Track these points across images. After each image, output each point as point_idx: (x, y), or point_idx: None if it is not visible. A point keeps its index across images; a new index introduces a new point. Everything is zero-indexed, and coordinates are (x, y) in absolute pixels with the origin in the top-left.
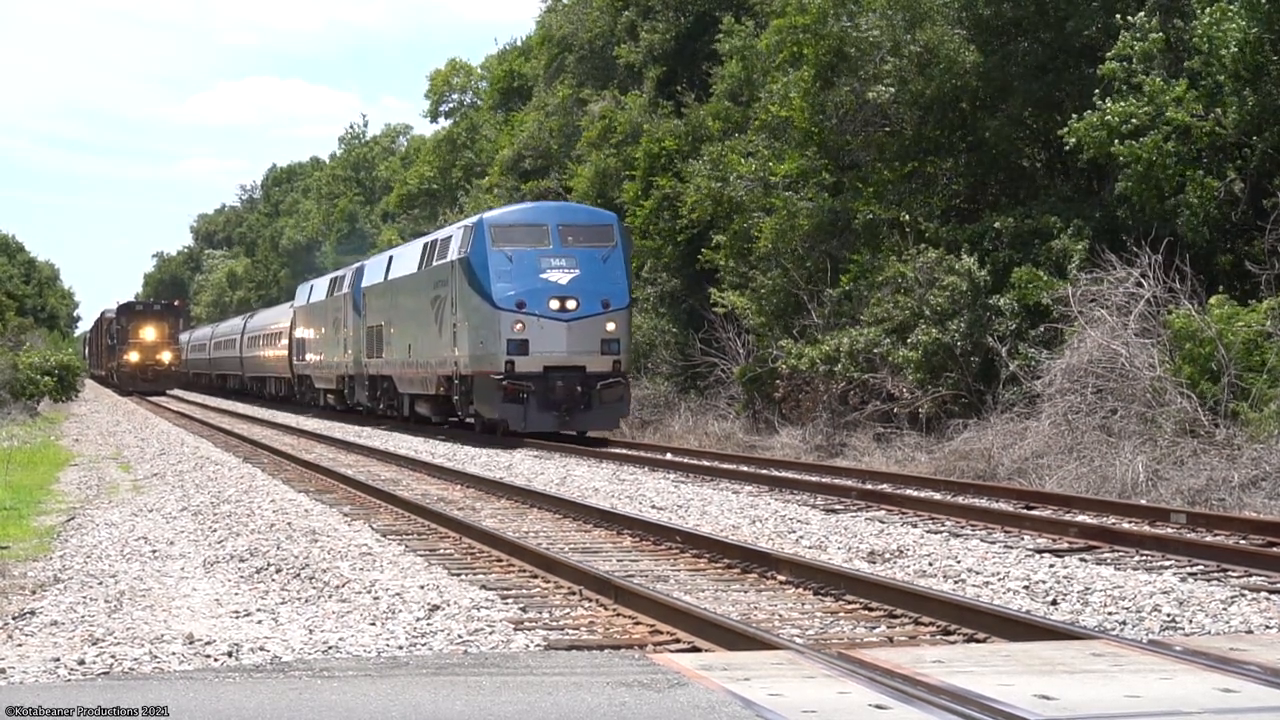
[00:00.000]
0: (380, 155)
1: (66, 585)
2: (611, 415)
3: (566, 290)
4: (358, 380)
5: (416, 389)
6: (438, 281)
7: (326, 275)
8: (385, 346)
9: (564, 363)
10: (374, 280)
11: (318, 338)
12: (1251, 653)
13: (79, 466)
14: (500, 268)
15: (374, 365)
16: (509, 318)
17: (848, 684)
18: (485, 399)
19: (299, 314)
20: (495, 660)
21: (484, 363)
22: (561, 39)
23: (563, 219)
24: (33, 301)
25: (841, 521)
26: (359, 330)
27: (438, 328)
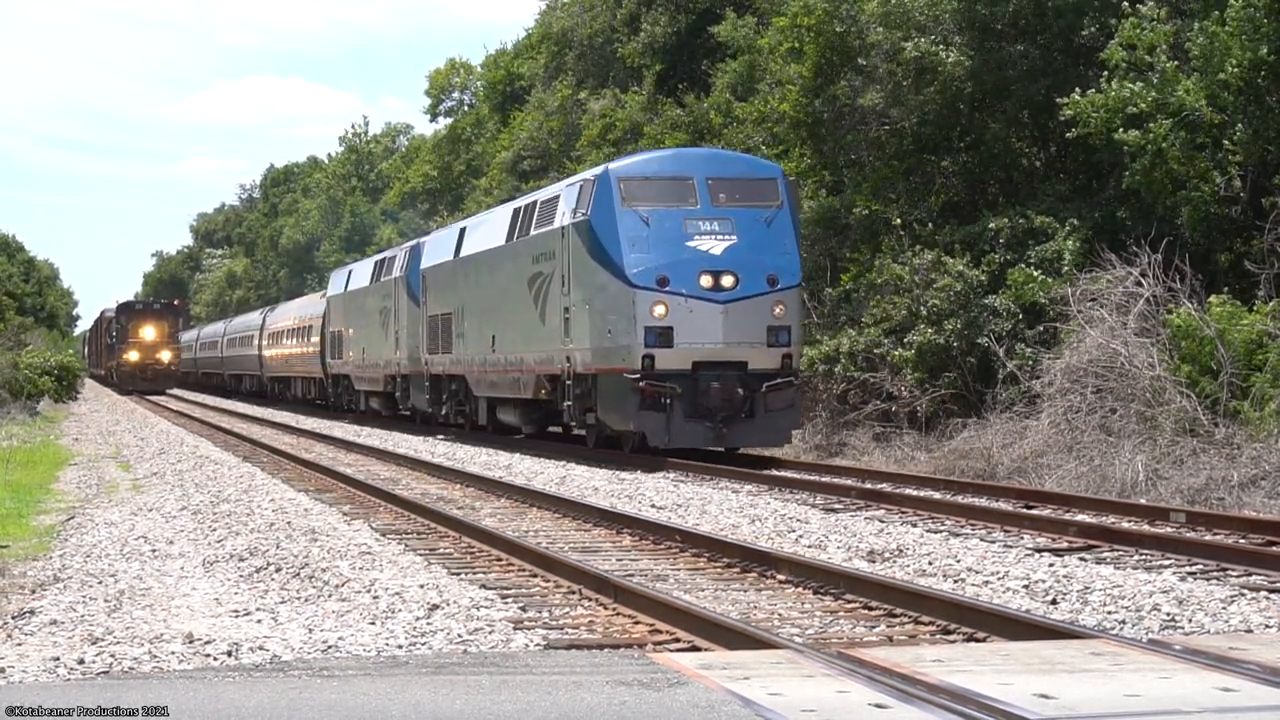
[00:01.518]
0: (382, 154)
1: (66, 585)
2: (779, 427)
3: (722, 263)
4: (414, 381)
5: (504, 391)
6: (539, 254)
7: (369, 258)
8: (456, 340)
9: (719, 357)
10: (438, 259)
11: (359, 332)
12: (1251, 652)
13: (78, 466)
14: (634, 234)
15: (439, 363)
16: (647, 298)
17: (847, 683)
18: (613, 404)
19: (334, 305)
20: (495, 659)
21: (611, 357)
22: (561, 35)
23: (713, 170)
24: (32, 301)
25: (841, 521)
26: (417, 321)
27: (538, 313)
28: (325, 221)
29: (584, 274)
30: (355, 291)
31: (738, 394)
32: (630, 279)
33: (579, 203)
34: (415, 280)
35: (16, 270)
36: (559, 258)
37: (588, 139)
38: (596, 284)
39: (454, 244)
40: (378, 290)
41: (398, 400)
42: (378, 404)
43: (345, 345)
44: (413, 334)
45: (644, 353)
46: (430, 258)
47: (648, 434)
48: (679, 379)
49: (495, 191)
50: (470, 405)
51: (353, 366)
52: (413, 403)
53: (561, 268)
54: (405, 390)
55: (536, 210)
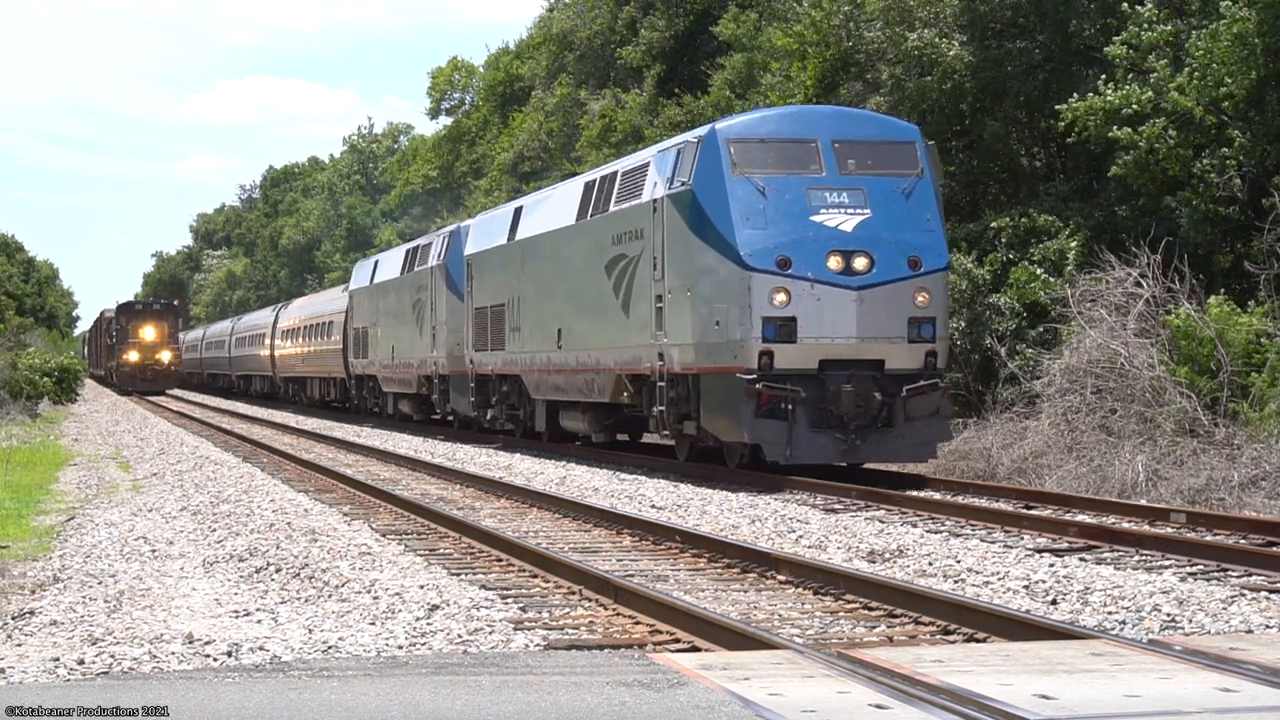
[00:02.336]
0: (384, 154)
1: (66, 585)
2: (923, 439)
3: (854, 241)
4: (455, 382)
5: (571, 394)
6: (621, 234)
7: (398, 246)
8: (511, 335)
9: (851, 354)
10: (487, 244)
11: (388, 328)
12: (1251, 652)
13: (78, 466)
14: (748, 205)
15: (487, 361)
16: (765, 283)
17: (847, 683)
18: (720, 411)
19: (358, 299)
20: (495, 660)
21: (719, 354)
22: (561, 36)
23: (840, 131)
24: (32, 301)
25: (841, 521)
26: (460, 315)
27: (620, 303)
28: (326, 221)
29: (684, 255)
30: (383, 284)
31: (874, 398)
32: (744, 260)
33: (677, 170)
34: (457, 269)
35: (16, 270)
36: (649, 237)
37: (587, 139)
38: (700, 266)
39: (507, 226)
40: (410, 282)
41: (434, 403)
42: (409, 407)
43: (371, 343)
44: (454, 329)
45: (761, 348)
46: (476, 242)
47: (764, 447)
48: (803, 380)
49: (495, 192)
50: (525, 409)
51: (380, 366)
52: (453, 406)
53: (653, 248)
54: (444, 392)
55: (617, 182)
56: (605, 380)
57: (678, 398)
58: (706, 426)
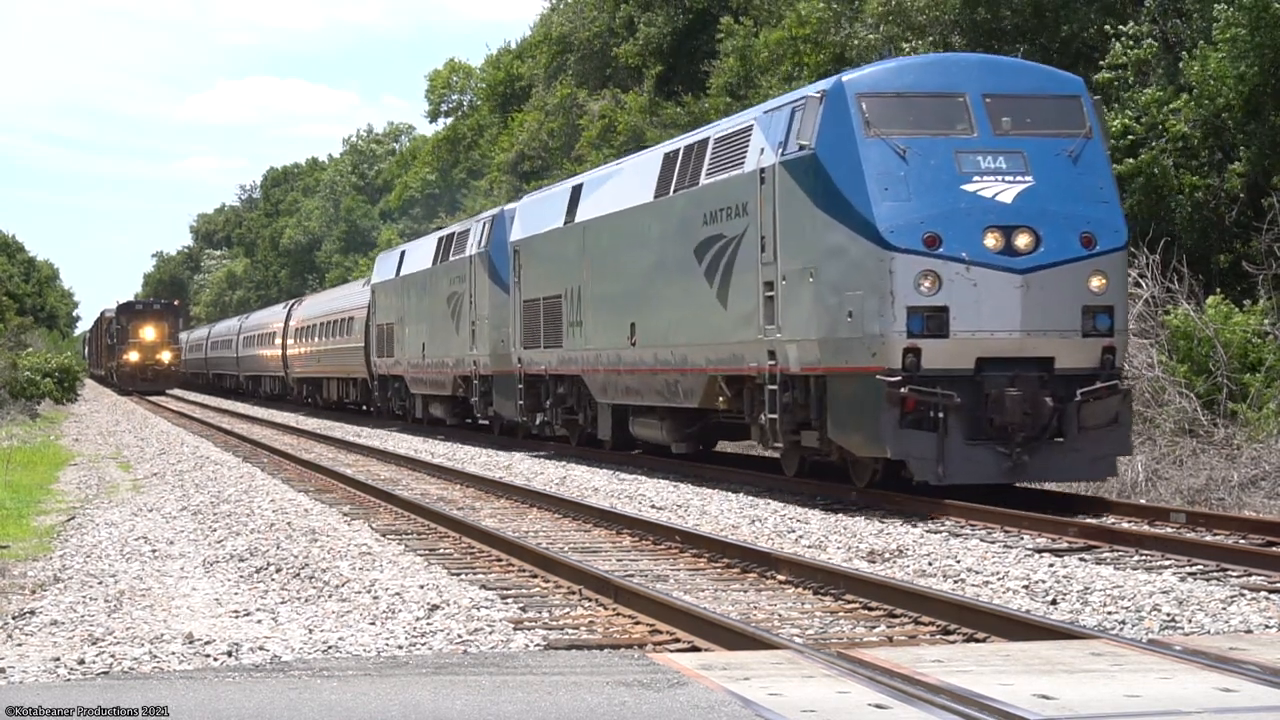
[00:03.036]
0: (384, 155)
1: (66, 585)
2: (1100, 452)
3: (1015, 214)
4: (499, 383)
5: (648, 398)
6: (716, 210)
7: (429, 234)
8: (570, 331)
9: (1015, 351)
10: (538, 228)
11: (418, 324)
12: (1251, 652)
13: (79, 466)
14: (886, 172)
15: (539, 360)
16: (911, 266)
17: (847, 683)
18: (853, 420)
19: (382, 293)
20: (495, 660)
21: (851, 352)
22: (561, 37)
23: (992, 84)
24: (32, 301)
25: (841, 521)
26: (504, 308)
27: (715, 292)
28: (326, 221)
29: (804, 233)
30: (412, 276)
31: (1043, 404)
32: (884, 237)
33: (793, 132)
34: (500, 257)
35: (17, 270)
36: (754, 213)
37: (587, 140)
38: (827, 246)
39: (563, 207)
40: (444, 273)
41: (473, 406)
42: (441, 411)
43: (398, 341)
44: (497, 324)
45: (906, 344)
46: (525, 227)
47: (911, 464)
48: (956, 383)
49: (495, 192)
50: (585, 414)
51: (408, 366)
52: (495, 410)
53: (760, 226)
54: (485, 394)
55: (709, 151)
56: (694, 382)
57: (794, 404)
58: (835, 438)
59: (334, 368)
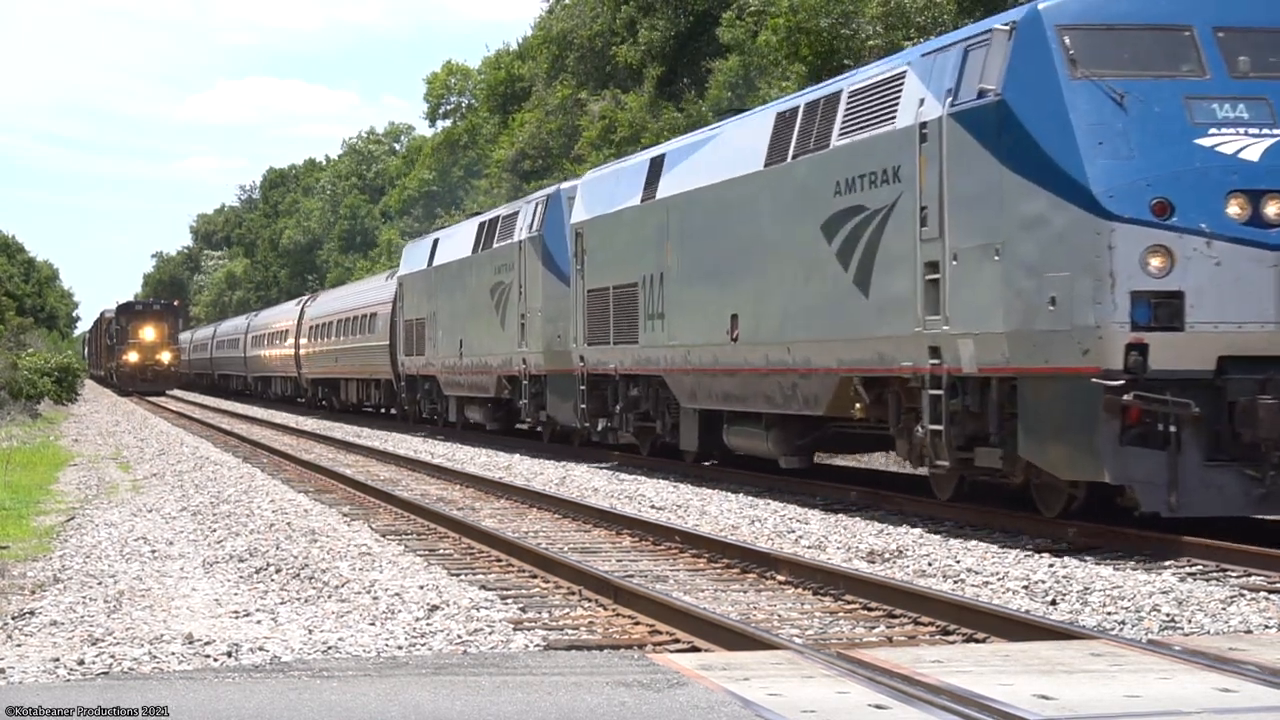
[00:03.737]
0: (384, 154)
1: (66, 585)
2: None
3: (1265, 175)
4: (555, 384)
5: (754, 403)
6: (853, 178)
7: (466, 219)
8: (648, 324)
9: (1267, 348)
10: (607, 206)
11: (454, 318)
12: (1250, 653)
13: (78, 466)
14: (1100, 122)
15: (609, 358)
16: (1136, 239)
17: (847, 684)
18: (1058, 433)
19: (411, 286)
20: (495, 660)
21: (1054, 348)
22: (561, 36)
23: (1224, 14)
24: (32, 301)
25: (841, 521)
26: (562, 299)
27: (852, 277)
28: (326, 222)
29: (986, 199)
30: (447, 266)
31: None
32: (1101, 203)
33: (968, 75)
34: (557, 242)
35: (16, 270)
36: (909, 178)
37: (587, 140)
38: (1020, 216)
39: (640, 181)
40: (487, 261)
41: (521, 410)
42: (481, 415)
43: (429, 338)
44: (553, 318)
45: (1129, 339)
46: (591, 206)
47: (1136, 490)
48: (1192, 388)
49: (495, 191)
50: (665, 420)
51: (442, 366)
52: (550, 414)
53: (918, 194)
54: (537, 396)
55: (840, 106)
56: (819, 386)
57: (964, 413)
58: (1031, 456)
59: (354, 368)
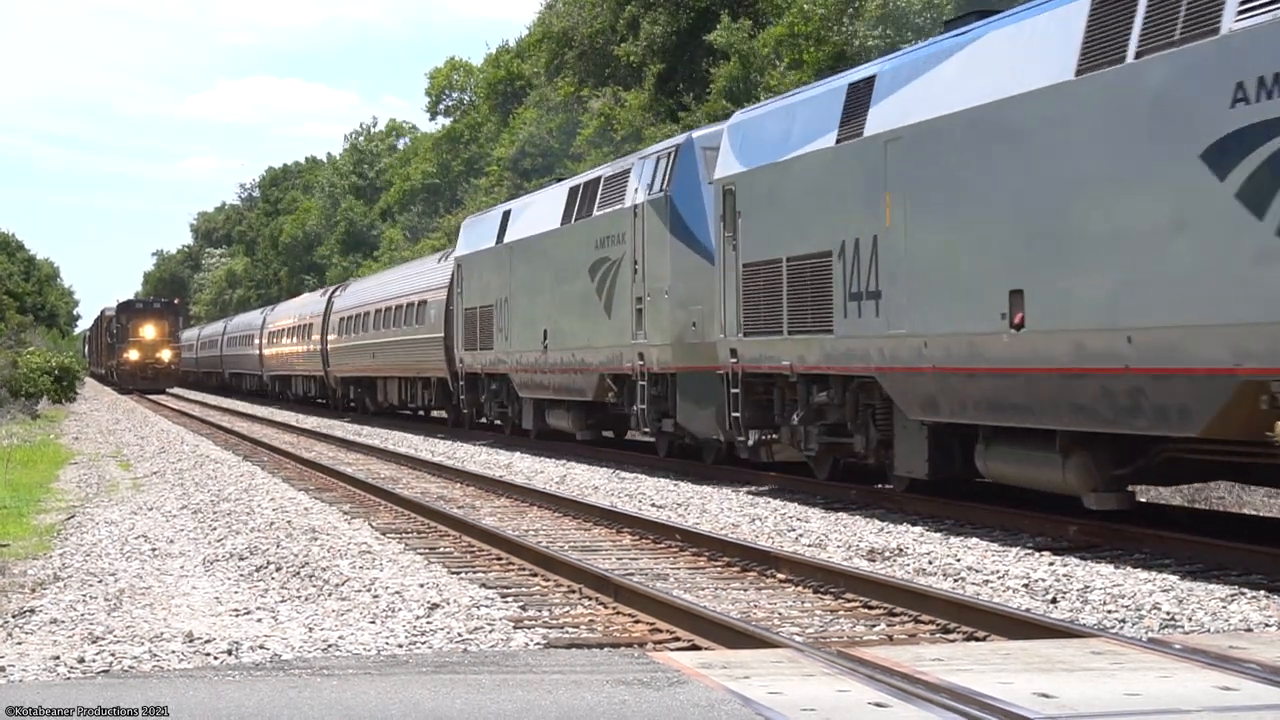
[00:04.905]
0: (384, 151)
1: (66, 583)
2: None
3: None
4: (688, 384)
5: (1043, 416)
6: None
7: (553, 184)
8: (852, 305)
9: None
10: (772, 153)
11: (535, 306)
12: (1251, 651)
13: (79, 465)
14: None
15: (781, 353)
16: None
17: (847, 682)
18: None
19: (473, 268)
20: (495, 658)
21: None
22: (561, 34)
23: None
24: (32, 299)
25: (841, 520)
26: (700, 277)
27: None
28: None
29: None
30: (525, 243)
31: None
32: None
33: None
34: (690, 204)
35: (17, 269)
36: None
37: (584, 138)
38: None
39: (835, 114)
40: (584, 234)
41: (635, 417)
42: (571, 422)
43: (499, 328)
44: (684, 301)
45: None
46: (747, 153)
47: None
48: None
49: (496, 190)
50: (868, 434)
51: (516, 361)
52: (681, 421)
53: None
54: (658, 400)
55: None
56: (1209, 395)
57: None
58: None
59: (396, 365)
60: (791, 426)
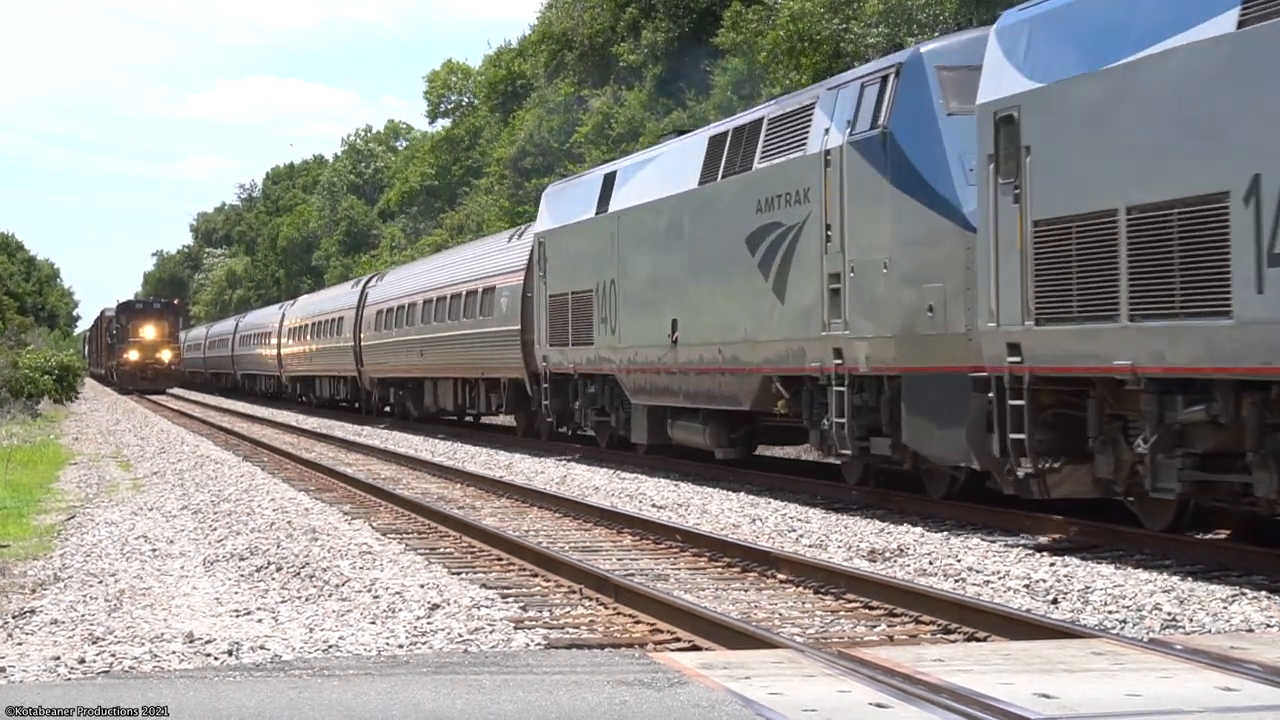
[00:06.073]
0: (383, 152)
1: (66, 584)
2: None
3: None
4: (920, 392)
5: None
6: None
7: (679, 138)
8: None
9: None
10: (1087, 59)
11: (654, 290)
12: (1252, 651)
13: (79, 465)
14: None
15: (1100, 346)
16: None
17: (848, 682)
18: None
19: (558, 247)
20: (495, 659)
21: None
22: (561, 35)
23: None
24: (33, 300)
25: (842, 520)
26: (934, 245)
27: None
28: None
29: None
30: (638, 211)
31: None
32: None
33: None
34: (922, 144)
35: (17, 269)
36: None
37: (581, 135)
38: None
39: None
40: (735, 195)
41: (829, 433)
42: (707, 436)
43: (601, 319)
44: (914, 277)
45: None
46: (1034, 64)
47: None
48: None
49: (496, 190)
50: None
51: (628, 360)
52: (908, 441)
53: None
54: (867, 412)
55: None
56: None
57: None
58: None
59: (453, 364)
60: (1123, 456)
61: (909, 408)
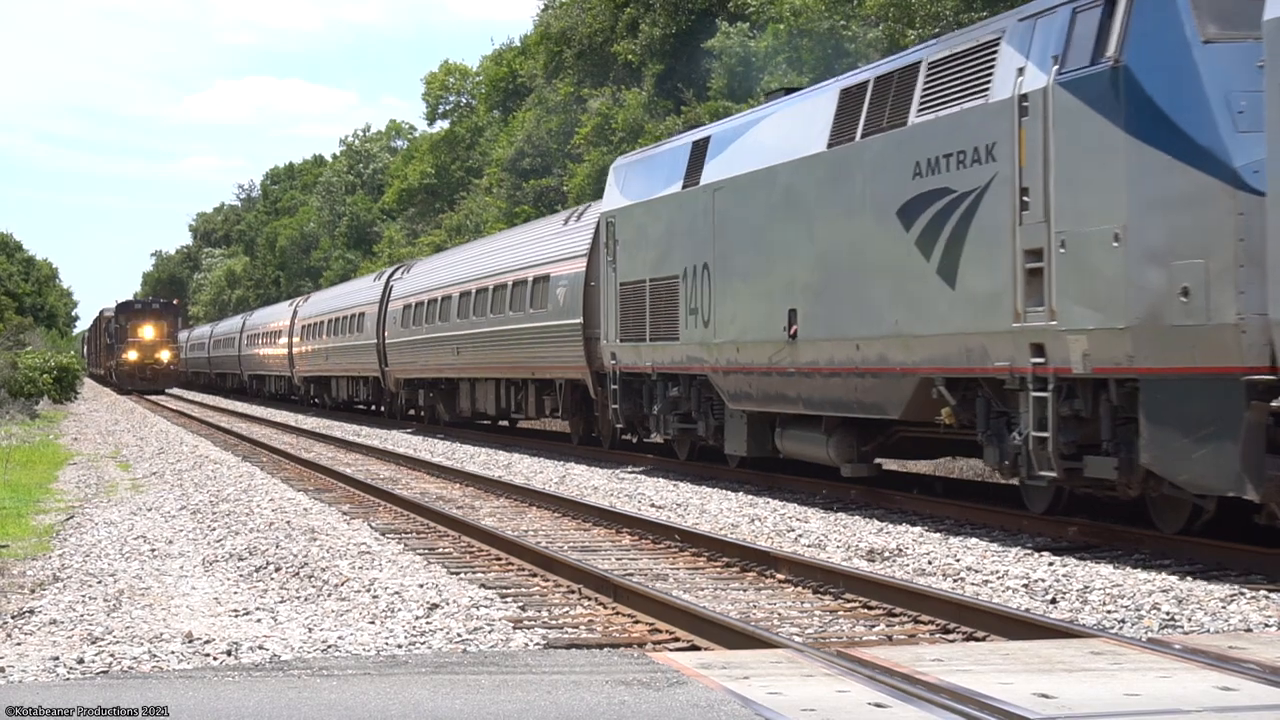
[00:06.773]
0: (380, 152)
1: (65, 584)
2: None
3: None
4: (1175, 399)
5: None
6: None
7: (801, 94)
8: None
9: None
10: None
11: (766, 276)
12: (1251, 651)
13: (78, 465)
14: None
15: None
16: None
17: (847, 682)
18: None
19: (634, 229)
20: (494, 659)
21: None
22: (560, 34)
23: None
24: (31, 300)
25: (840, 520)
26: (1191, 209)
27: None
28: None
29: None
30: (744, 180)
31: None
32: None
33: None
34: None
35: (16, 269)
36: None
37: (581, 137)
38: None
39: None
40: (883, 157)
41: (1023, 453)
42: (834, 449)
43: (690, 310)
44: (1159, 253)
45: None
46: None
47: None
48: None
49: (496, 190)
50: None
51: (729, 357)
52: (1149, 463)
53: None
54: (1080, 424)
55: None
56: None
57: None
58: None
59: (496, 363)
60: None
61: (1152, 420)
